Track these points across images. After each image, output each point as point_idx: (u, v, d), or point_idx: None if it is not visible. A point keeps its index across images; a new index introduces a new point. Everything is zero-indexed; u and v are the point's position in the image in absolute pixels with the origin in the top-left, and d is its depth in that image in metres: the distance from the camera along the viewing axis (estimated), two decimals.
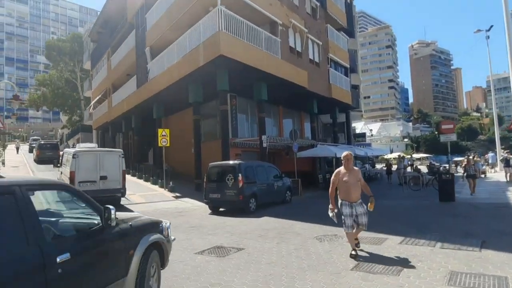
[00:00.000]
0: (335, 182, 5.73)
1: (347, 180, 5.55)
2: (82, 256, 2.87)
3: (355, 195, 5.58)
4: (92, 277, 2.95)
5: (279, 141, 21.27)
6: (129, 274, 3.36)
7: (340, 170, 5.73)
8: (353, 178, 5.58)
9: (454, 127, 14.09)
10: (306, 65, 19.99)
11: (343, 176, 5.61)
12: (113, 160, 12.77)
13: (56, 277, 2.51)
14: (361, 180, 5.69)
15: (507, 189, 15.02)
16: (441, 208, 10.98)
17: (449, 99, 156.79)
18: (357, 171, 5.72)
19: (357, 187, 5.61)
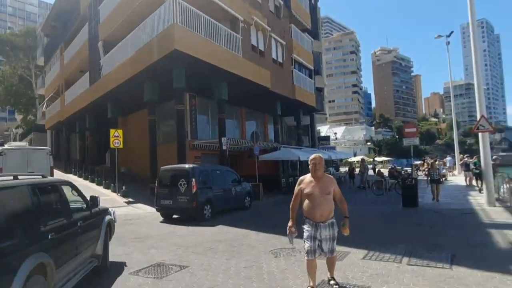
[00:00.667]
0: (298, 194, 4.26)
1: (311, 193, 4.07)
2: (87, 221, 4.98)
3: (321, 213, 4.05)
4: (90, 233, 5.09)
5: (241, 144, 20.39)
6: (100, 236, 5.53)
7: (304, 178, 4.26)
8: (321, 189, 4.07)
9: (417, 131, 13.86)
10: (269, 65, 19.28)
11: (307, 187, 4.13)
12: (40, 158, 12.83)
13: (80, 228, 4.62)
14: (335, 193, 4.19)
15: (468, 193, 15.02)
16: (405, 214, 10.52)
17: (409, 104, 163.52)
18: (329, 181, 4.18)
19: (326, 202, 4.07)
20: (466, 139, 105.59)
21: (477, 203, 11.99)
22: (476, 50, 11.98)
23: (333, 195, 4.14)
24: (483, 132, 11.09)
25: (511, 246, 6.11)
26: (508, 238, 6.67)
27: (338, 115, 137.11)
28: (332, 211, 4.16)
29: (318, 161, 4.13)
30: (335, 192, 4.16)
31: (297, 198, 4.27)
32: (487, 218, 9.16)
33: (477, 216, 9.53)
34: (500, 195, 12.97)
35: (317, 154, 4.26)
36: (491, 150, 12.29)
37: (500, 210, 10.37)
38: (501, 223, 8.37)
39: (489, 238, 6.72)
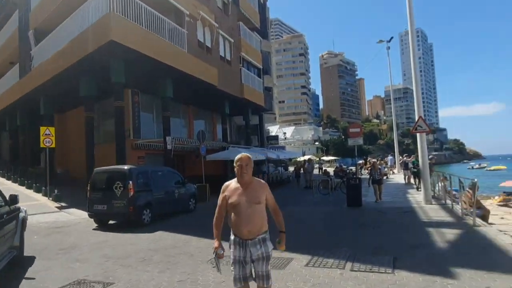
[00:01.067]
0: (221, 204, 3.28)
1: (237, 203, 3.14)
2: (8, 216, 5.79)
3: (250, 228, 3.13)
4: (10, 226, 5.87)
5: (188, 143, 19.60)
6: (17, 229, 6.30)
7: (229, 185, 3.29)
8: (250, 198, 3.14)
9: (361, 131, 14.15)
10: (217, 62, 18.72)
11: (232, 195, 3.19)
12: None
13: (4, 221, 5.52)
14: (268, 201, 3.27)
15: (407, 192, 15.68)
16: (349, 215, 10.57)
17: (354, 106, 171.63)
18: (259, 187, 3.24)
19: (256, 214, 3.14)
20: (404, 140, 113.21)
21: (416, 201, 12.48)
22: (414, 58, 12.42)
23: (265, 204, 3.25)
24: (421, 132, 11.53)
25: (448, 246, 6.21)
26: (445, 237, 6.80)
27: (287, 115, 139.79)
28: (265, 224, 3.25)
29: (245, 162, 3.17)
30: (268, 201, 3.25)
31: (221, 210, 3.28)
32: (425, 216, 9.45)
33: (416, 214, 9.81)
34: (436, 193, 13.66)
35: (244, 154, 3.25)
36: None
37: (436, 207, 10.81)
38: (437, 221, 8.64)
39: (428, 238, 6.82)
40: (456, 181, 10.58)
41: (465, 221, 8.33)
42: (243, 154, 3.24)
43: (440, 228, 7.61)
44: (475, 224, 7.81)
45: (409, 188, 17.21)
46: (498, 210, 16.21)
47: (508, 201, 20.81)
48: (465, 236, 6.93)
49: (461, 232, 7.22)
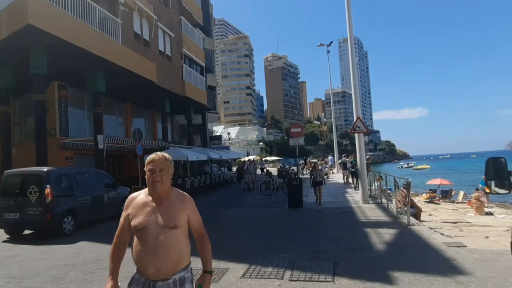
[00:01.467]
0: (123, 227, 2.28)
1: (144, 225, 2.13)
2: None
3: (160, 264, 2.09)
4: None
5: (125, 143, 18.24)
6: None
7: (136, 197, 2.27)
8: (164, 218, 2.14)
9: (302, 130, 14.12)
10: (156, 57, 17.63)
11: (139, 212, 2.18)
12: None
13: None
14: (192, 224, 2.34)
15: (346, 191, 16.04)
16: (290, 216, 10.36)
17: (297, 108, 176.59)
18: (182, 202, 2.26)
19: (172, 243, 2.13)
20: (342, 140, 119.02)
21: (354, 200, 12.72)
22: (353, 60, 12.67)
23: (187, 228, 2.27)
24: (359, 133, 11.75)
25: (386, 247, 6.16)
26: (382, 238, 6.80)
27: (232, 115, 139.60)
28: (185, 257, 2.22)
29: (159, 165, 2.17)
30: (192, 223, 2.29)
31: (121, 235, 2.27)
32: (363, 216, 9.56)
33: (355, 214, 9.88)
34: (373, 192, 14.11)
35: (159, 154, 2.25)
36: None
37: (373, 206, 11.05)
38: (375, 221, 8.74)
39: (367, 240, 6.76)
40: (391, 181, 10.90)
41: (400, 220, 8.52)
42: (157, 154, 2.23)
43: (378, 228, 7.65)
44: (409, 223, 7.98)
45: (348, 187, 17.69)
46: (426, 207, 17.29)
47: (433, 198, 22.50)
48: (401, 236, 6.99)
49: (397, 232, 7.29)
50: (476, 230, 8.80)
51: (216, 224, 9.72)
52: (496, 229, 8.90)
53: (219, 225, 9.51)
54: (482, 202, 14.23)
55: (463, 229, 9.16)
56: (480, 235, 8.03)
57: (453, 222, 10.69)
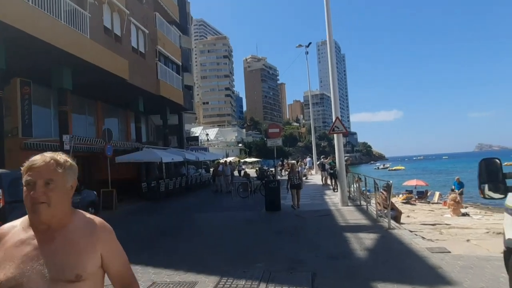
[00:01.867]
0: None
1: (20, 279, 1.22)
2: None
3: None
4: None
5: (96, 143, 17.27)
6: None
7: (9, 232, 1.35)
8: (55, 264, 1.26)
9: (280, 131, 13.73)
10: (128, 54, 16.82)
11: (10, 256, 1.27)
12: None
13: None
14: (111, 272, 1.41)
15: (324, 193, 15.76)
16: (267, 220, 9.92)
17: (276, 109, 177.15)
18: (89, 236, 1.36)
19: None
20: (321, 142, 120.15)
21: (333, 203, 12.41)
22: (332, 59, 12.35)
23: (103, 276, 1.41)
24: (338, 133, 11.45)
25: (367, 254, 5.80)
26: (363, 244, 6.44)
27: (211, 116, 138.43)
28: None
29: (46, 174, 1.34)
30: (109, 268, 1.40)
31: None
32: (342, 219, 9.22)
33: (334, 218, 9.54)
34: (351, 194, 13.87)
35: (47, 155, 1.41)
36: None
37: (353, 209, 10.76)
38: (355, 225, 8.42)
39: (347, 246, 6.38)
40: (370, 182, 10.66)
41: (380, 224, 8.22)
42: (43, 155, 1.40)
43: (358, 233, 7.30)
44: (390, 226, 7.69)
45: (326, 189, 17.45)
46: (403, 208, 17.28)
47: (410, 199, 22.67)
48: (382, 241, 6.66)
49: (378, 236, 6.96)
50: (456, 233, 8.64)
51: (187, 229, 9.15)
52: (475, 231, 8.77)
53: (190, 231, 8.95)
54: (458, 204, 14.27)
55: (442, 232, 8.98)
56: (460, 238, 7.85)
57: (432, 224, 10.55)
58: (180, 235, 8.35)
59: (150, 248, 7.09)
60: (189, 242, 7.54)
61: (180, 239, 7.94)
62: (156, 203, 16.23)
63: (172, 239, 7.99)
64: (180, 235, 8.41)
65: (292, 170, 12.14)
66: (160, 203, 15.93)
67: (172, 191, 18.56)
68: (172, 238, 8.11)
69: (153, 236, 8.55)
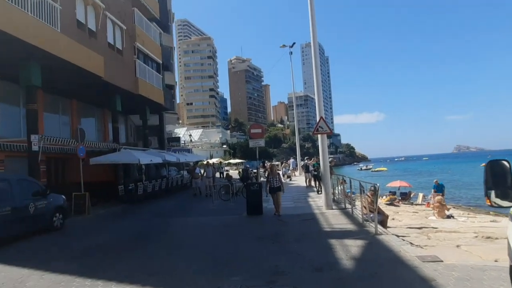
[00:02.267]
0: None
1: None
2: None
3: None
4: None
5: (70, 144, 16.35)
6: None
7: None
8: None
9: (263, 131, 13.21)
10: (104, 50, 16.01)
11: None
12: None
13: None
14: None
15: (308, 195, 15.32)
16: (248, 226, 9.38)
17: (260, 111, 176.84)
18: None
19: None
20: (305, 143, 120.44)
21: (317, 206, 11.97)
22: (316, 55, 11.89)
23: None
24: (322, 133, 11.01)
25: (354, 265, 5.33)
26: (349, 252, 5.98)
27: (195, 117, 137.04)
28: None
29: None
30: None
31: None
32: (327, 224, 8.77)
33: (318, 222, 9.08)
34: (336, 196, 13.48)
35: None
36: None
37: (337, 213, 10.34)
38: (340, 230, 7.98)
39: (333, 255, 5.90)
40: (356, 184, 10.27)
41: (367, 229, 7.80)
42: None
43: (344, 239, 6.85)
44: (377, 232, 7.27)
45: (310, 191, 17.03)
46: (387, 210, 17.05)
47: (394, 200, 22.56)
48: (370, 249, 6.22)
49: (365, 243, 6.52)
50: (444, 237, 8.31)
51: (160, 236, 8.52)
52: (463, 235, 8.47)
53: (163, 238, 8.33)
54: (443, 206, 14.09)
55: (430, 236, 8.65)
56: (450, 243, 7.50)
57: (418, 228, 10.24)
58: (152, 243, 7.73)
59: (116, 258, 6.45)
60: (160, 252, 6.93)
61: (151, 247, 7.31)
62: (133, 206, 15.47)
63: (142, 247, 7.37)
64: (152, 243, 7.78)
65: (271, 172, 10.94)
66: (137, 207, 15.19)
67: (151, 193, 17.80)
68: (143, 246, 7.48)
69: (122, 244, 7.90)
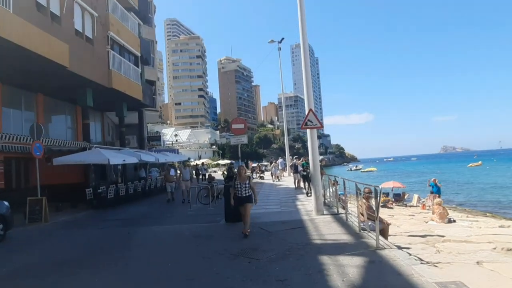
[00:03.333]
0: None
1: None
2: None
3: None
4: None
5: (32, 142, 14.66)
6: None
7: None
8: None
9: (245, 127, 11.74)
10: (70, 38, 14.36)
11: None
12: None
13: None
14: None
15: (297, 198, 13.92)
16: (223, 237, 7.89)
17: (250, 111, 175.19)
18: None
19: None
20: (295, 144, 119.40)
21: (306, 210, 10.56)
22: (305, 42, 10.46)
23: None
24: (311, 128, 9.61)
25: None
26: (347, 276, 4.58)
27: (184, 117, 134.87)
28: None
29: None
30: None
31: None
32: (317, 234, 7.36)
33: (307, 232, 7.67)
34: (327, 199, 12.13)
35: None
36: None
37: (329, 219, 8.95)
38: (333, 243, 6.57)
39: (325, 281, 4.48)
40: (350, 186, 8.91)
41: (365, 241, 6.43)
42: None
43: (338, 256, 5.46)
44: (378, 245, 5.90)
45: (299, 193, 15.64)
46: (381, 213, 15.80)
47: (387, 202, 21.34)
48: (372, 270, 4.83)
49: (365, 262, 5.14)
50: (457, 250, 6.99)
51: (114, 252, 7.00)
52: (478, 247, 7.16)
53: (117, 254, 6.81)
54: (444, 209, 12.86)
55: (439, 248, 7.33)
56: (467, 259, 6.17)
57: (422, 236, 8.92)
58: (98, 262, 6.22)
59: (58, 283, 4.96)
60: (112, 274, 5.46)
61: (95, 268, 5.81)
62: (101, 212, 13.86)
63: (93, 266, 5.90)
64: (98, 262, 6.26)
65: (239, 176, 7.81)
66: (104, 213, 13.59)
67: (124, 197, 16.18)
68: (94, 264, 6.00)
69: (71, 261, 6.37)
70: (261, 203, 12.84)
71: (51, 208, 14.60)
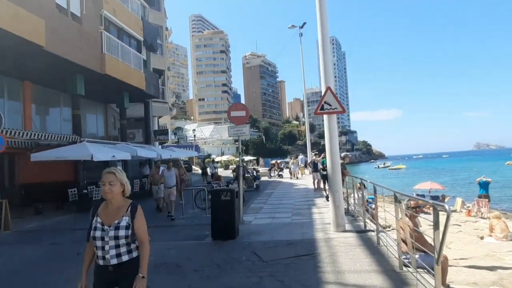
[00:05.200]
0: None
1: None
2: None
3: None
4: None
5: (20, 136, 12.86)
6: None
7: None
8: None
9: (247, 115, 9.21)
10: (49, 12, 12.32)
11: None
12: None
13: None
14: None
15: (314, 203, 11.29)
16: (204, 265, 5.39)
17: (275, 107, 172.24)
18: None
19: None
20: (320, 140, 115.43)
21: (322, 224, 7.93)
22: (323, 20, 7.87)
23: None
24: (329, 113, 6.97)
25: None
26: None
27: (208, 113, 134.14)
28: None
29: None
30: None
31: None
32: (333, 272, 4.75)
33: (317, 265, 5.08)
34: (350, 206, 9.49)
35: None
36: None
37: (353, 240, 6.31)
38: None
39: None
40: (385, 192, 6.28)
41: None
42: None
43: None
44: None
45: (318, 196, 13.04)
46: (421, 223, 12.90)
47: (424, 206, 18.27)
48: None
49: None
50: None
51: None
52: None
53: None
54: (505, 223, 9.85)
55: None
56: None
57: (489, 269, 6.11)
58: None
59: None
60: None
61: None
62: (85, 216, 11.81)
63: None
64: None
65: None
66: (85, 217, 11.53)
67: None
68: None
69: None
70: (270, 209, 10.39)
71: (29, 211, 12.84)
